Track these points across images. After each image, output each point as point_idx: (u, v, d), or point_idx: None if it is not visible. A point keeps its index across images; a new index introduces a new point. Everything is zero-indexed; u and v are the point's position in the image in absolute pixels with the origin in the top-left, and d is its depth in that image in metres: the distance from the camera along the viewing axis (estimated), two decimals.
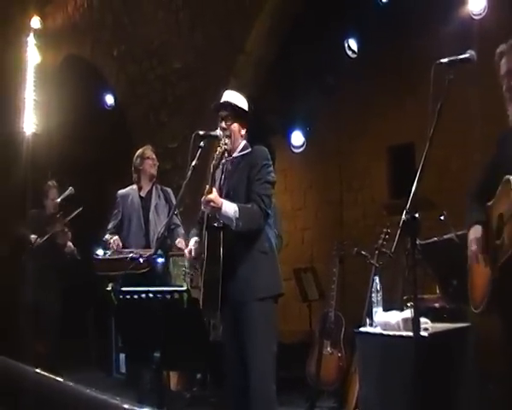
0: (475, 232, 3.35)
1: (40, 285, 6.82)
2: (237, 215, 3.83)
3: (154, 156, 6.12)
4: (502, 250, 3.10)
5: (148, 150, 6.13)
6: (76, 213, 6.79)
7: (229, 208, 3.84)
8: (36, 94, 11.29)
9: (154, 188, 6.07)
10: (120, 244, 5.68)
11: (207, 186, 3.85)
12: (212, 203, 3.79)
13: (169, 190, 6.12)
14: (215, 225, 3.95)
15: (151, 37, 9.18)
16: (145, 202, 6.00)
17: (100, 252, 5.76)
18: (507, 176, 3.11)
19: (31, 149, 10.62)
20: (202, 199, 3.84)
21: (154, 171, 6.09)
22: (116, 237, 5.73)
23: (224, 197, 3.94)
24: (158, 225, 5.84)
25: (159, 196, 6.02)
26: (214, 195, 3.82)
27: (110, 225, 5.97)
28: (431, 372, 3.27)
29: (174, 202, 5.89)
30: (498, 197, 3.25)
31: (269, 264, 4.05)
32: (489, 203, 3.34)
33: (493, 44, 3.53)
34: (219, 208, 3.81)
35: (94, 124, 10.07)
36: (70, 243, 6.81)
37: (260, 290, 3.97)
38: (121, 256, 5.55)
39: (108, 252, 5.71)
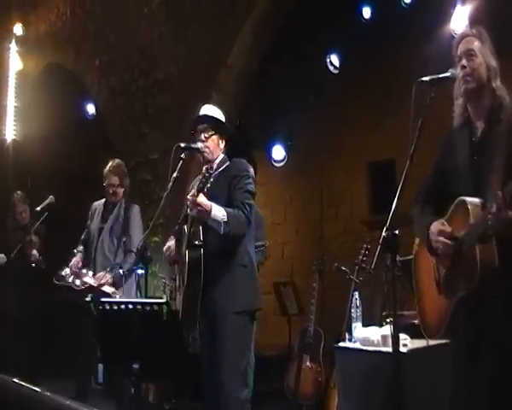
0: (439, 225, 3.00)
1: (16, 295, 6.77)
2: (225, 219, 3.82)
3: (114, 181, 5.78)
4: (459, 284, 2.88)
5: (108, 176, 5.80)
6: (41, 220, 6.68)
7: (218, 212, 3.83)
8: (17, 100, 11.24)
9: (116, 207, 5.77)
10: (79, 264, 5.55)
11: (193, 190, 3.83)
12: (199, 207, 3.77)
13: (135, 207, 5.82)
14: (196, 243, 3.94)
15: (133, 48, 9.17)
16: (103, 221, 5.76)
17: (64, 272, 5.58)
18: (461, 197, 2.92)
19: (12, 156, 10.57)
20: (188, 204, 3.82)
21: (113, 198, 5.78)
22: (75, 259, 5.60)
23: None
24: (107, 249, 5.62)
25: (116, 218, 5.73)
26: (202, 198, 3.80)
27: (82, 236, 5.87)
28: (410, 389, 3.28)
29: (139, 223, 5.71)
30: (452, 218, 3.01)
31: (247, 278, 4.05)
32: (443, 219, 3.06)
33: None
34: (208, 211, 3.79)
35: (75, 133, 10.03)
36: (35, 252, 6.74)
37: (236, 305, 3.97)
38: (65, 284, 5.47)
39: (68, 272, 5.55)
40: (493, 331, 2.84)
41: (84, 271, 5.49)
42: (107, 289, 5.40)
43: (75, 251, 5.75)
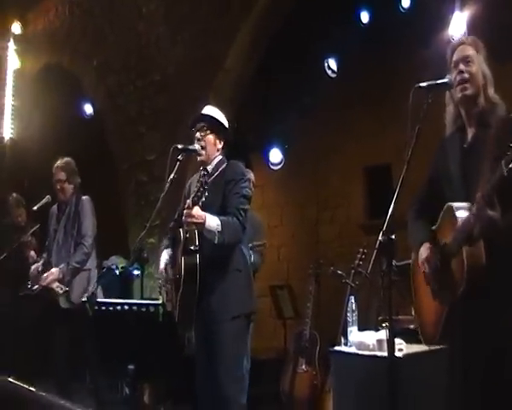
0: (426, 251, 3.10)
1: (12, 296, 6.77)
2: (220, 228, 3.79)
3: (61, 177, 5.71)
4: (451, 288, 2.91)
5: (56, 171, 5.75)
6: (35, 228, 6.72)
7: (212, 222, 3.79)
8: (14, 99, 11.23)
9: (68, 206, 5.71)
10: (38, 269, 5.61)
11: (188, 201, 3.81)
12: (193, 219, 3.74)
13: (85, 198, 5.71)
14: (191, 248, 3.92)
15: (131, 49, 9.17)
16: (57, 223, 5.76)
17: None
18: (449, 203, 2.97)
19: (9, 155, 10.56)
20: (183, 217, 3.80)
21: (62, 195, 5.73)
22: (34, 266, 5.68)
23: None
24: (63, 248, 5.60)
25: (68, 216, 5.68)
26: (196, 210, 3.75)
27: (46, 243, 5.90)
28: (405, 393, 3.28)
29: (88, 213, 5.65)
30: (441, 224, 3.05)
31: (242, 282, 4.04)
32: (433, 227, 3.12)
33: None
34: (202, 223, 3.76)
35: (72, 132, 10.01)
36: (32, 253, 6.74)
37: (233, 309, 3.96)
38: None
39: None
40: (486, 333, 2.85)
41: (43, 275, 5.54)
42: (54, 285, 5.41)
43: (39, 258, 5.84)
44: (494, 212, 2.71)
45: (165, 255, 4.23)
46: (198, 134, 4.15)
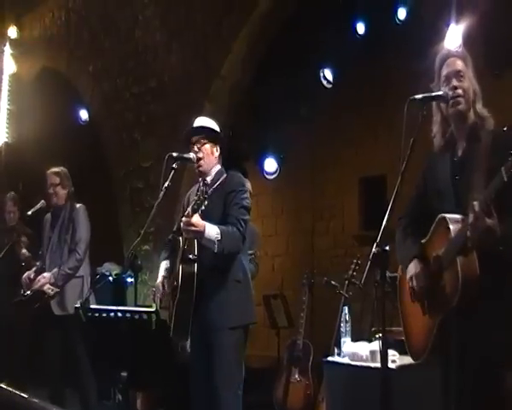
0: (415, 268, 3.07)
1: (5, 301, 6.73)
2: (219, 238, 3.79)
3: (54, 181, 5.69)
4: (443, 300, 2.90)
5: (49, 176, 5.73)
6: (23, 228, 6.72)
7: (212, 231, 3.78)
8: (10, 103, 11.22)
9: (62, 213, 5.69)
10: (31, 276, 5.61)
11: (188, 209, 3.80)
12: (193, 228, 3.74)
13: (80, 206, 5.69)
14: (190, 257, 3.91)
15: (127, 55, 9.18)
16: (51, 230, 5.75)
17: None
18: (441, 214, 2.96)
19: (3, 159, 10.55)
20: (182, 225, 3.80)
21: (55, 199, 5.71)
22: (27, 273, 5.68)
23: None
24: (58, 256, 5.59)
25: (62, 222, 5.66)
26: (196, 218, 3.74)
27: (40, 252, 5.89)
28: (398, 405, 3.28)
29: (82, 221, 5.65)
30: (433, 237, 3.04)
31: (242, 292, 4.03)
32: (423, 241, 3.10)
33: None
34: (201, 232, 3.76)
35: (67, 138, 10.01)
36: (24, 250, 6.71)
37: (232, 319, 3.96)
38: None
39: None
40: (478, 345, 2.85)
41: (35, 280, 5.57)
42: (45, 287, 5.44)
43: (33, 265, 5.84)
44: (491, 220, 2.71)
45: (163, 267, 4.23)
46: (195, 147, 4.16)
